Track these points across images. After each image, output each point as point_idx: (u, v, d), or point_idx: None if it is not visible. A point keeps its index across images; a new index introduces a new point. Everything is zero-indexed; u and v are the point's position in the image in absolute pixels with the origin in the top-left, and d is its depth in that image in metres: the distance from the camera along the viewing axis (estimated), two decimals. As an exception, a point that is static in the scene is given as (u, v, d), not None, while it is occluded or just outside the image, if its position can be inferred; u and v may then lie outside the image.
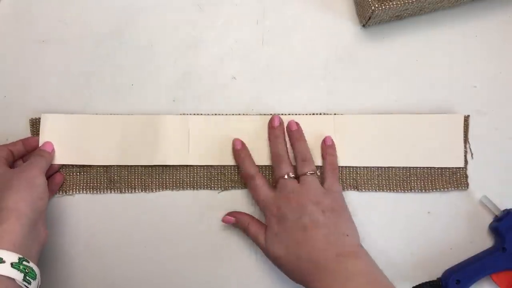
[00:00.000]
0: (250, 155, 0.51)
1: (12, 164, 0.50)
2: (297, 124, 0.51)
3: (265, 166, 0.52)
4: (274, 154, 0.50)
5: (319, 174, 0.51)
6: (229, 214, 0.51)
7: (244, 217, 0.50)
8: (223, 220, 0.50)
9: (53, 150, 0.52)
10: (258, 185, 0.49)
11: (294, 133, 0.51)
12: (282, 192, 0.47)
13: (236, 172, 0.53)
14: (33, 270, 0.41)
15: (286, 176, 0.48)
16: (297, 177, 0.49)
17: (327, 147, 0.51)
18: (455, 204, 0.52)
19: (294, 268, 0.45)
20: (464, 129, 0.52)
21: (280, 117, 0.51)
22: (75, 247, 0.52)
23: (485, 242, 0.51)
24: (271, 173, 0.52)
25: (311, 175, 0.48)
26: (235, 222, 0.50)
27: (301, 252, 0.44)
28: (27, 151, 0.51)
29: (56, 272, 0.52)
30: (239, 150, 0.51)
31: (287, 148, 0.51)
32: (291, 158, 0.50)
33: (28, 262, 0.41)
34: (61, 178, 0.52)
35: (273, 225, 0.47)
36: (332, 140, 0.51)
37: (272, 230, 0.47)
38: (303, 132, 0.51)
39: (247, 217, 0.50)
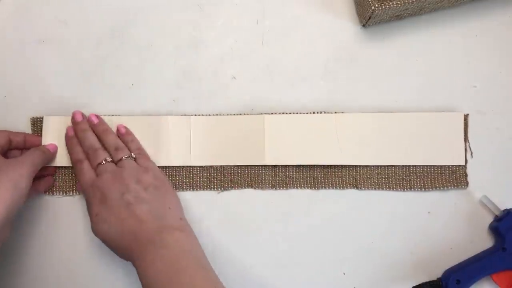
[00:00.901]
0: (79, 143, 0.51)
1: (6, 153, 0.50)
2: (97, 116, 0.52)
3: (265, 166, 0.52)
4: (88, 147, 0.50)
5: None
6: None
7: None
8: None
9: (55, 151, 0.52)
10: (84, 168, 0.49)
11: (98, 127, 0.51)
12: (104, 175, 0.48)
13: (236, 173, 0.53)
14: None
15: (103, 162, 0.48)
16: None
17: (125, 135, 0.52)
18: (455, 204, 0.52)
19: (119, 244, 0.45)
20: (464, 128, 0.52)
21: (81, 112, 0.52)
22: (75, 247, 0.52)
23: (485, 242, 0.51)
24: (269, 173, 0.52)
25: (126, 158, 0.49)
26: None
27: (124, 227, 0.45)
28: (25, 147, 0.51)
29: (56, 272, 0.52)
30: (71, 137, 0.51)
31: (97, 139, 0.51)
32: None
33: None
34: (51, 182, 0.52)
35: (94, 207, 0.47)
36: (124, 127, 0.52)
37: (93, 211, 0.47)
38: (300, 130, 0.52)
39: None
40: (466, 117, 0.52)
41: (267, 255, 0.52)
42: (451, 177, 0.52)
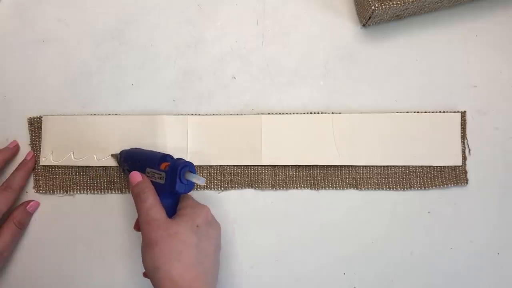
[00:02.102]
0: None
1: None
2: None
3: (265, 166, 0.52)
4: None
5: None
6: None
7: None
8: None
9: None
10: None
11: None
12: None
13: (236, 173, 0.53)
14: None
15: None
16: None
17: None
18: (455, 203, 0.52)
19: None
20: (462, 125, 0.52)
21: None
22: (75, 247, 0.52)
23: (485, 241, 0.51)
24: (269, 173, 0.52)
25: None
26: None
27: None
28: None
29: (57, 272, 0.52)
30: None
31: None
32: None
33: None
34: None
35: None
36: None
37: None
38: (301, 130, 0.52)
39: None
40: (463, 114, 0.52)
41: (267, 255, 0.52)
42: (451, 174, 0.52)
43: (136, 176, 0.46)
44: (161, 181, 0.45)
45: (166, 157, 0.47)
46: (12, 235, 0.50)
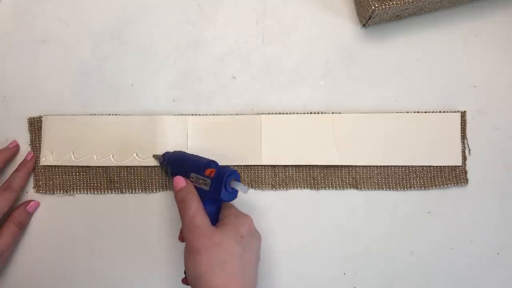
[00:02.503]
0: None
1: None
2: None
3: (265, 166, 0.52)
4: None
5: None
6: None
7: None
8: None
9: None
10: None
11: None
12: None
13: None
14: None
15: None
16: None
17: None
18: (455, 203, 0.52)
19: None
20: (462, 125, 0.52)
21: None
22: (75, 247, 0.52)
23: (485, 241, 0.51)
24: (269, 173, 0.52)
25: None
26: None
27: None
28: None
29: (57, 272, 0.52)
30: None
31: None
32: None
33: None
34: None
35: None
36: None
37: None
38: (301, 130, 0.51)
39: None
40: (463, 114, 0.52)
41: (267, 255, 0.52)
42: (451, 174, 0.52)
43: (180, 181, 0.45)
44: (206, 187, 0.44)
45: (211, 163, 0.46)
46: (12, 235, 0.50)
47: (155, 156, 0.52)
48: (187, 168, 0.46)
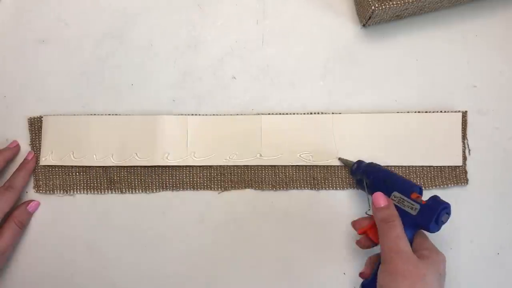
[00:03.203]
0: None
1: None
2: None
3: (265, 166, 0.52)
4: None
5: None
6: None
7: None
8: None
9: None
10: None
11: None
12: None
13: (236, 173, 0.53)
14: None
15: None
16: None
17: None
18: (455, 203, 0.52)
19: None
20: (462, 125, 0.52)
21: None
22: (75, 247, 0.52)
23: (485, 241, 0.51)
24: (269, 173, 0.52)
25: None
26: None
27: None
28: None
29: (57, 272, 0.52)
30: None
31: None
32: None
33: None
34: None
35: None
36: None
37: None
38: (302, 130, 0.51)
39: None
40: (464, 114, 0.52)
41: (267, 255, 0.52)
42: (451, 174, 0.52)
43: (381, 200, 0.45)
44: (412, 211, 0.44)
45: (416, 187, 0.45)
46: (13, 235, 0.50)
47: (343, 160, 0.51)
48: (389, 185, 0.46)
